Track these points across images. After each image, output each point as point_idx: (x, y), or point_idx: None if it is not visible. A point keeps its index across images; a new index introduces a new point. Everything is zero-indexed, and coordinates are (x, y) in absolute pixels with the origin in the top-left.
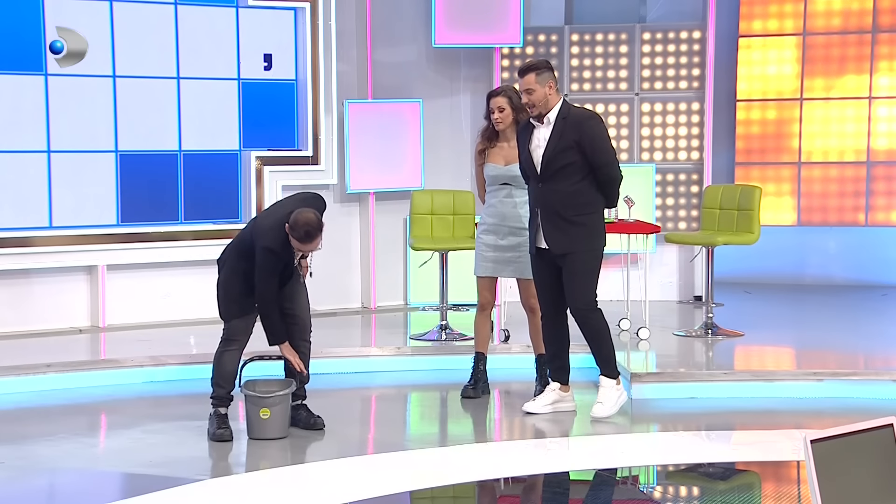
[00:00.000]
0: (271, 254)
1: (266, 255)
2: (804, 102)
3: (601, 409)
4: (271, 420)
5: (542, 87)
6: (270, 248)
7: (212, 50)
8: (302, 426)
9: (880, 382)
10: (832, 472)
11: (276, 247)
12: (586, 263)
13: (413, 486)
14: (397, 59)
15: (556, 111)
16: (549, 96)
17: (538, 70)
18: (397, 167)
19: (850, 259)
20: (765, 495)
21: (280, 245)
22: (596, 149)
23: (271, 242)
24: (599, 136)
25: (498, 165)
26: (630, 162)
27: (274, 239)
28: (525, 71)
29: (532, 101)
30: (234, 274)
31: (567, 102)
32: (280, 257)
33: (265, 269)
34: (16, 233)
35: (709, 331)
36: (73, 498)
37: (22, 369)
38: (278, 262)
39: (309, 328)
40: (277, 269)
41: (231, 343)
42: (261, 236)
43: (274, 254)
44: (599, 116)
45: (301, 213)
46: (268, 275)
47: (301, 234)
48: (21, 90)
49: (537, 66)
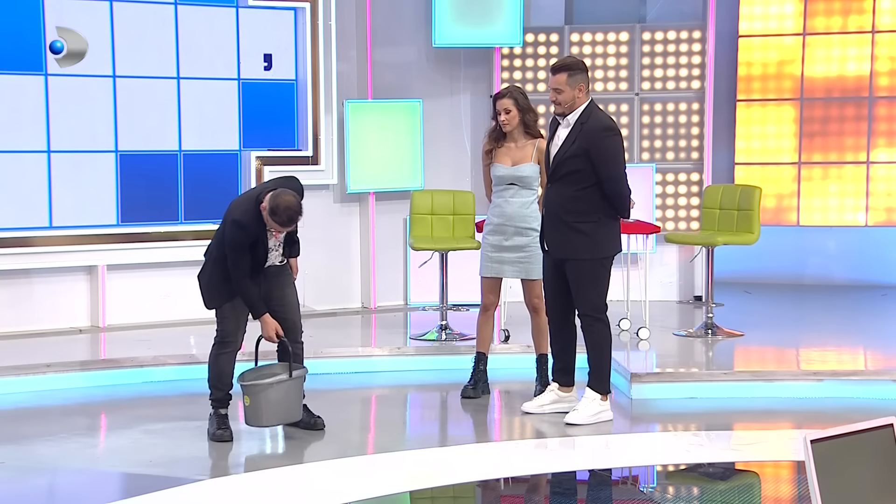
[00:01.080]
0: (239, 227)
1: (234, 228)
2: (804, 102)
3: (575, 415)
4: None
5: (571, 90)
6: (238, 221)
7: (212, 50)
8: (302, 426)
9: (880, 382)
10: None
11: (245, 220)
12: (588, 272)
13: (413, 486)
14: (397, 59)
15: (577, 114)
16: (578, 98)
17: (571, 71)
18: (397, 167)
19: (850, 259)
20: (764, 495)
21: (250, 219)
22: (602, 162)
23: (240, 216)
24: (608, 150)
25: (505, 165)
26: (630, 162)
27: (244, 213)
28: (558, 70)
29: (559, 100)
30: (213, 262)
31: (592, 105)
32: (248, 232)
33: (234, 243)
34: (16, 233)
35: (709, 331)
36: (73, 498)
37: (22, 369)
38: (246, 236)
39: (300, 330)
40: (246, 244)
41: (225, 346)
42: (230, 212)
43: (241, 227)
44: (615, 128)
45: (281, 196)
46: (236, 249)
47: (284, 219)
48: (21, 90)
49: (571, 67)
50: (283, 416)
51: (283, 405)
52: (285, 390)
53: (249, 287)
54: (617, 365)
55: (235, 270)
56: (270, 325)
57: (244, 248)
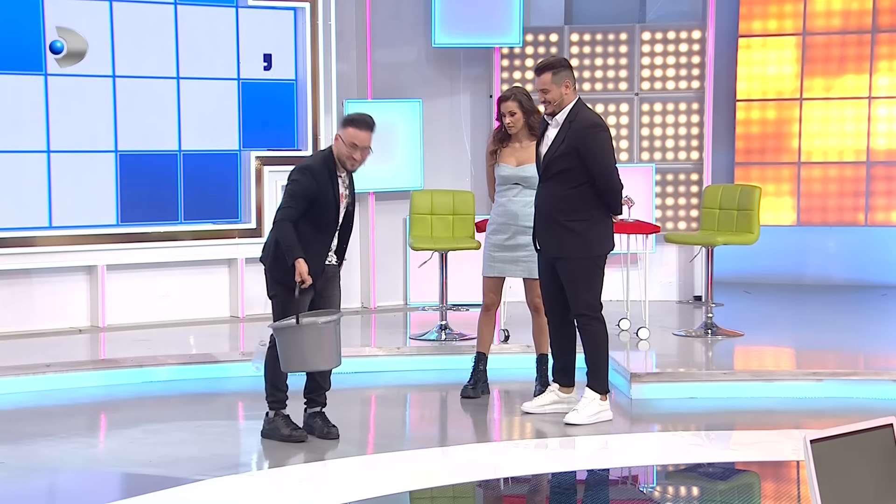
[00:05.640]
0: (304, 170)
1: (298, 173)
2: (804, 102)
3: (574, 416)
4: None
5: (558, 87)
6: (305, 166)
7: (211, 50)
8: (317, 435)
9: (880, 382)
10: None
11: (312, 163)
12: (580, 271)
13: (413, 486)
14: (397, 59)
15: (565, 113)
16: (565, 96)
17: (555, 69)
18: (397, 167)
19: (849, 259)
20: (764, 495)
21: (317, 164)
22: (592, 158)
23: (310, 161)
24: (597, 146)
25: (510, 166)
26: (630, 162)
27: (314, 159)
28: (541, 70)
29: (547, 99)
30: (275, 244)
31: (580, 104)
32: (314, 178)
33: (294, 189)
34: (16, 233)
35: (708, 331)
36: (73, 498)
37: (22, 369)
38: (311, 183)
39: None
40: (307, 192)
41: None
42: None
43: (307, 169)
44: (603, 125)
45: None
46: (294, 196)
47: (362, 124)
48: (21, 90)
49: (554, 66)
50: (310, 363)
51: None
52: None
53: (290, 230)
54: (617, 365)
55: (285, 214)
56: (304, 268)
57: (304, 196)
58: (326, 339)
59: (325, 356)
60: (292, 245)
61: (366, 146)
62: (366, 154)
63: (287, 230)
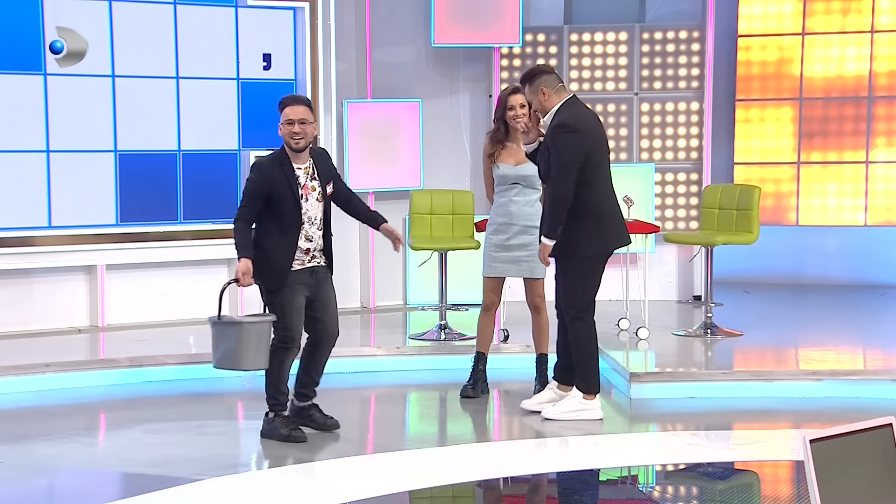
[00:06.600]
0: (254, 168)
1: (251, 172)
2: (803, 102)
3: (549, 410)
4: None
5: (535, 96)
6: (257, 162)
7: (211, 50)
8: (316, 427)
9: (880, 382)
10: (831, 472)
11: (264, 159)
12: (568, 271)
13: (412, 486)
14: (396, 59)
15: (550, 115)
16: (545, 101)
17: (529, 81)
18: (397, 167)
19: (849, 259)
20: (764, 495)
21: (267, 158)
22: (552, 157)
23: (259, 159)
24: (555, 146)
25: (509, 165)
26: (629, 162)
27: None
28: (516, 90)
29: (534, 109)
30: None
31: (566, 104)
32: (261, 173)
33: (248, 189)
34: (15, 233)
35: (708, 330)
36: (73, 498)
37: (22, 369)
38: (258, 178)
39: (335, 333)
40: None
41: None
42: None
43: (257, 168)
44: (571, 126)
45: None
46: (247, 195)
47: (284, 98)
48: (21, 90)
49: (525, 79)
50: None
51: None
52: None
53: (244, 229)
54: (616, 364)
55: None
56: (243, 267)
57: (255, 194)
58: (254, 340)
59: (252, 356)
60: (240, 244)
61: (300, 118)
62: (306, 127)
63: (238, 229)
